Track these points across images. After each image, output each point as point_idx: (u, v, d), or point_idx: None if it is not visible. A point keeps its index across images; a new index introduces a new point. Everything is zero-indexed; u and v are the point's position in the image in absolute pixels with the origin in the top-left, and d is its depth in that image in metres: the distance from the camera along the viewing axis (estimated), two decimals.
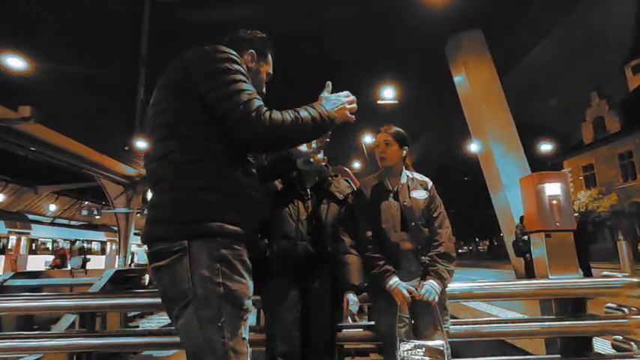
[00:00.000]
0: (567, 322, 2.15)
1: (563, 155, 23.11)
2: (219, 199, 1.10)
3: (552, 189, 2.48)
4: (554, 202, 2.46)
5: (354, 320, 1.76)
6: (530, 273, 7.97)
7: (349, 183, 2.17)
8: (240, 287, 1.08)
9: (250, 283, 1.14)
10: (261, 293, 1.93)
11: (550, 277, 2.40)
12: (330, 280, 1.89)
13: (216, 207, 1.09)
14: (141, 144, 11.14)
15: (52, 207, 24.90)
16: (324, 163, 2.03)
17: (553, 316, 2.25)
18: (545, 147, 20.54)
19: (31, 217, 20.01)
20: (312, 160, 1.88)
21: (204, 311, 1.02)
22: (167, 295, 1.08)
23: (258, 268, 1.91)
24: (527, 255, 7.78)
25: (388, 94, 12.89)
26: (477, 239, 42.97)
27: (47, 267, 15.23)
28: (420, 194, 1.96)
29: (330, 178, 2.06)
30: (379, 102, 13.01)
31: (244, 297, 1.09)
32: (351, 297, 1.80)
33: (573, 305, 2.25)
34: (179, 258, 1.04)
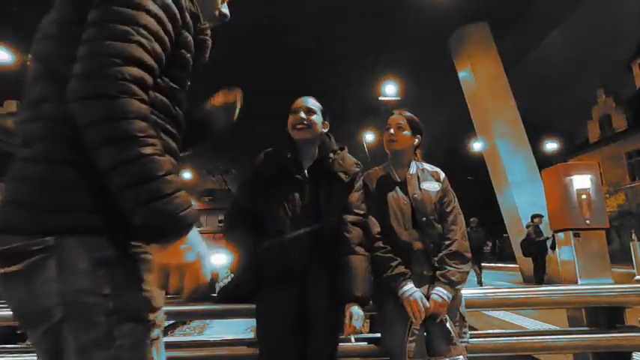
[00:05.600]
0: (605, 335, 1.86)
1: (569, 154, 22.75)
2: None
3: (581, 181, 2.19)
4: (584, 196, 2.17)
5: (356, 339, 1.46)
6: (539, 275, 7.69)
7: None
8: (140, 297, 0.77)
9: (159, 290, 0.81)
10: (254, 301, 1.65)
11: (580, 282, 2.12)
12: (331, 285, 1.56)
13: (102, 188, 0.73)
14: None
15: None
16: (325, 130, 1.67)
17: (586, 328, 1.96)
18: (550, 145, 20.24)
19: None
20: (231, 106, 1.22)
21: (87, 335, 0.72)
22: (23, 316, 0.77)
23: (249, 272, 1.66)
24: (539, 256, 7.50)
25: (390, 90, 12.63)
26: None
27: None
28: (431, 186, 1.73)
29: (332, 154, 1.63)
30: (380, 98, 12.76)
31: (150, 310, 0.78)
32: (356, 310, 1.46)
33: (608, 315, 1.96)
34: (39, 262, 0.71)
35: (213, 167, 19.78)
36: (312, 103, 1.65)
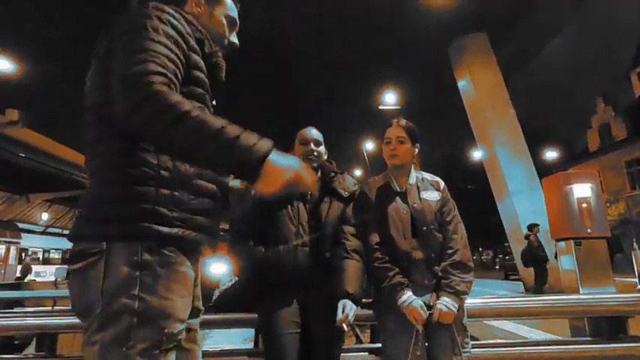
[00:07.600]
0: (608, 345, 1.84)
1: (569, 162, 22.78)
2: (151, 191, 0.89)
3: (581, 190, 2.18)
4: (584, 205, 2.16)
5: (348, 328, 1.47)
6: (539, 285, 7.63)
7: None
8: (163, 304, 0.85)
9: (183, 301, 0.90)
10: (257, 311, 1.65)
11: (581, 291, 2.10)
12: (331, 293, 1.57)
13: (147, 201, 0.88)
14: None
15: (45, 216, 24.46)
16: (325, 157, 1.81)
17: (588, 338, 1.94)
18: (550, 154, 20.26)
19: (22, 226, 19.61)
20: (244, 194, 1.21)
21: (109, 331, 0.81)
22: (75, 308, 0.89)
23: (254, 280, 1.66)
24: (539, 266, 7.45)
25: (390, 99, 12.71)
26: (480, 249, 42.44)
27: None
28: (431, 195, 1.73)
29: (333, 174, 1.79)
30: (380, 107, 12.84)
31: (167, 318, 0.85)
32: (349, 303, 1.50)
33: (611, 325, 1.94)
34: (93, 262, 0.85)
35: None
36: (317, 134, 1.79)
